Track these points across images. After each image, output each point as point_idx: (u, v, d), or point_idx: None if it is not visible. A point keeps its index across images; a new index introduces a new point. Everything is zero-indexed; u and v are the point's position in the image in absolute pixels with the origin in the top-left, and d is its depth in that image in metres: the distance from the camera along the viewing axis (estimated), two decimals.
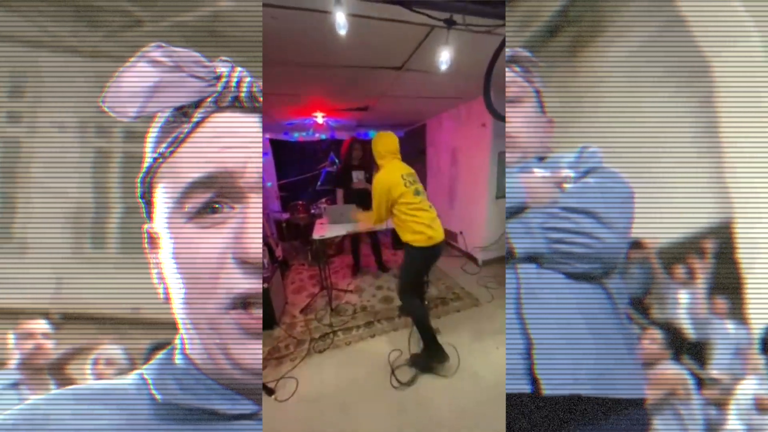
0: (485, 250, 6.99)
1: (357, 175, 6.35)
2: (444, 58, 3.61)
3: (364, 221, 4.75)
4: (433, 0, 2.62)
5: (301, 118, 8.02)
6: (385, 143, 3.85)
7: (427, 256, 3.73)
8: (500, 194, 6.67)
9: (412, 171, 3.94)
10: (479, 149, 6.68)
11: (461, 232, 7.72)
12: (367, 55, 3.94)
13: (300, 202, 8.45)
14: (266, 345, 4.54)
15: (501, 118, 3.69)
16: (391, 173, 3.70)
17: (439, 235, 3.71)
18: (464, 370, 3.83)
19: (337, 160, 8.76)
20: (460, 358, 4.00)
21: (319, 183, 9.22)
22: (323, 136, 9.71)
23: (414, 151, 9.67)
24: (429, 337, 3.82)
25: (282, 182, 9.69)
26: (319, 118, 7.97)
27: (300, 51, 3.63)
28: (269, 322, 4.89)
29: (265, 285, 4.77)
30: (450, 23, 2.87)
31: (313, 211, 8.14)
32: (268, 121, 8.20)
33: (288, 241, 8.99)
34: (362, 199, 5.94)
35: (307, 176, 9.27)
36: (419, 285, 4.20)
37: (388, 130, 9.69)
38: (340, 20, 2.67)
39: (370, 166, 6.14)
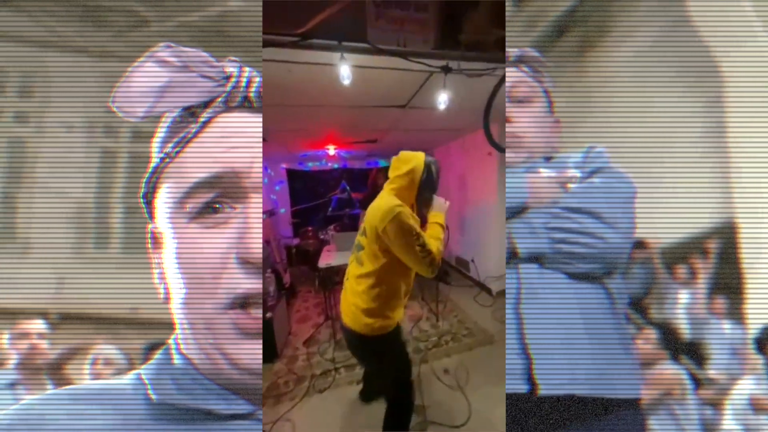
0: (499, 280, 6.68)
1: None
2: (442, 99, 3.88)
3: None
4: (428, 51, 2.93)
5: (314, 150, 8.31)
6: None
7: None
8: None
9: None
10: (487, 177, 6.79)
11: (473, 260, 7.54)
12: (372, 96, 4.13)
13: (309, 228, 8.54)
14: (265, 380, 4.24)
15: (502, 150, 3.86)
16: None
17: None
18: (476, 418, 3.48)
19: (348, 187, 9.05)
20: (471, 404, 3.65)
21: (330, 209, 9.28)
22: (336, 166, 10.04)
23: None
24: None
25: (295, 209, 9.89)
26: (331, 150, 8.24)
27: (310, 95, 3.84)
28: (270, 354, 4.68)
29: (269, 314, 4.65)
30: (446, 69, 3.14)
31: (322, 236, 8.13)
32: (284, 152, 8.56)
33: (297, 267, 8.99)
34: None
35: (319, 202, 9.36)
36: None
37: None
38: (344, 72, 2.90)
39: None
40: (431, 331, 5.41)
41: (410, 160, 2.49)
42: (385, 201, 2.33)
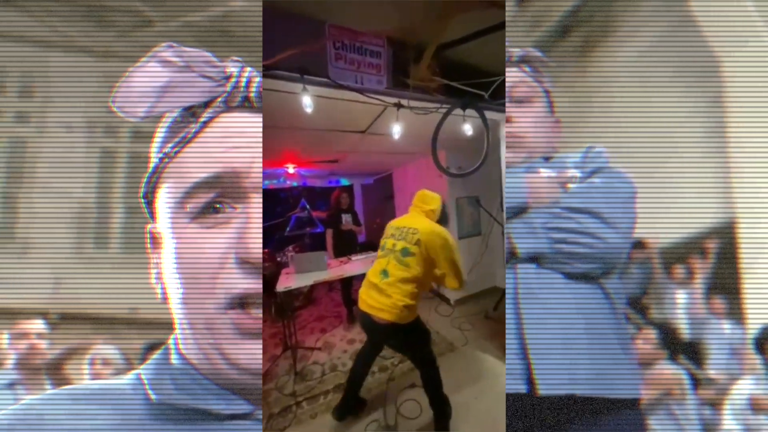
0: (456, 290, 6.70)
1: (346, 218, 6.70)
2: (396, 129, 4.22)
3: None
4: (381, 90, 3.37)
5: (272, 168, 8.20)
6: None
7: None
8: (462, 234, 6.99)
9: (411, 226, 3.23)
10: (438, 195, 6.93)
11: None
12: (333, 121, 4.43)
13: (265, 250, 8.13)
14: None
15: (446, 173, 4.27)
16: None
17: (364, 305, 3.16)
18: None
19: (308, 206, 8.79)
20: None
21: (288, 229, 8.92)
22: (295, 183, 9.77)
23: (382, 197, 10.10)
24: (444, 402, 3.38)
25: None
26: (291, 168, 8.16)
27: (272, 116, 4.03)
28: None
29: None
30: (398, 105, 3.58)
31: (279, 259, 7.88)
32: None
33: None
34: (350, 239, 6.67)
35: (276, 222, 8.84)
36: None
37: (358, 178, 10.36)
38: (306, 101, 3.14)
39: (354, 209, 6.88)
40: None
41: (433, 201, 3.37)
42: (433, 224, 3.17)
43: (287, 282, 4.85)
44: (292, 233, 8.80)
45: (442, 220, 3.32)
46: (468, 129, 4.21)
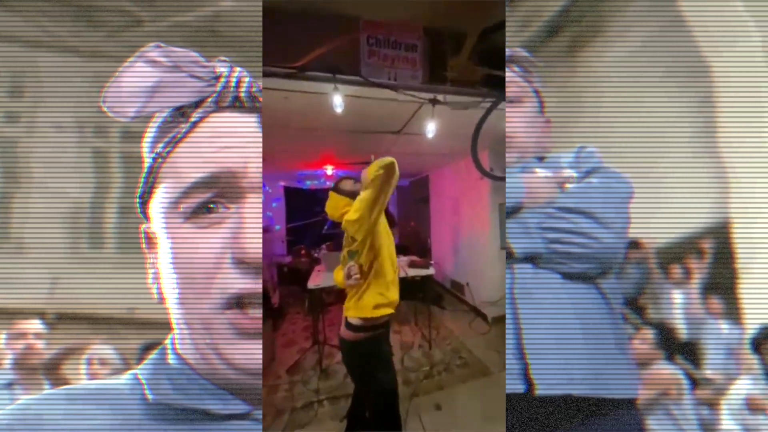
0: (495, 306, 6.38)
1: None
2: (431, 128, 4.13)
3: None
4: (416, 86, 3.21)
5: (312, 169, 8.43)
6: None
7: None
8: (504, 245, 6.53)
9: None
10: (479, 200, 6.79)
11: (467, 284, 7.31)
12: (367, 122, 4.33)
13: (303, 246, 8.42)
14: None
15: (489, 176, 4.00)
16: None
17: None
18: None
19: None
20: None
21: (325, 227, 9.12)
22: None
23: (417, 200, 10.07)
24: None
25: (290, 225, 9.81)
26: (329, 170, 8.29)
27: (308, 119, 4.02)
28: None
29: None
30: (434, 102, 3.43)
31: (315, 255, 7.97)
32: (283, 171, 8.69)
33: (287, 287, 8.62)
34: None
35: (315, 220, 9.15)
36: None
37: None
38: (337, 101, 3.13)
39: (389, 210, 6.56)
40: (424, 360, 5.07)
41: (335, 204, 2.86)
42: None
43: (317, 280, 5.00)
44: (328, 232, 8.91)
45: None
46: None
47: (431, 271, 5.53)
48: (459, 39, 3.09)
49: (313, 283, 4.84)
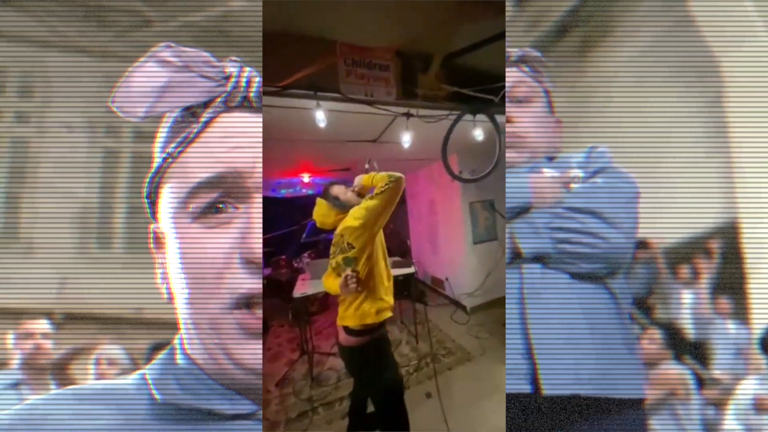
0: (472, 296, 6.90)
1: None
2: (406, 138, 4.40)
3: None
4: (391, 101, 3.50)
5: (288, 178, 8.30)
6: None
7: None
8: (477, 240, 7.01)
9: None
10: (452, 200, 7.21)
11: (447, 279, 7.72)
12: (344, 132, 4.55)
13: (282, 257, 8.27)
14: None
15: (458, 178, 4.47)
16: None
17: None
18: None
19: None
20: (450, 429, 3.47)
21: (304, 235, 9.02)
22: (310, 192, 9.69)
23: None
24: None
25: (267, 236, 9.28)
26: (306, 177, 8.21)
27: (286, 130, 4.18)
28: None
29: None
30: (408, 115, 3.72)
31: (296, 265, 7.89)
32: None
33: (269, 299, 8.08)
34: None
35: (293, 229, 8.82)
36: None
37: None
38: (320, 116, 3.34)
39: None
40: (412, 354, 5.32)
41: (323, 212, 2.95)
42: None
43: (303, 288, 4.97)
44: (308, 239, 8.89)
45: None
46: (479, 134, 4.29)
47: (413, 269, 5.68)
48: (427, 60, 3.48)
49: (299, 292, 4.83)
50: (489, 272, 6.58)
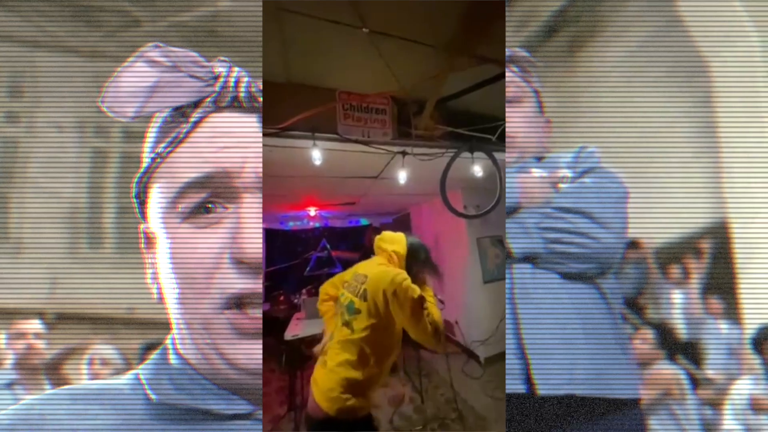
0: (486, 345, 5.92)
1: None
2: (402, 175, 4.30)
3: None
4: (387, 141, 3.62)
5: (295, 211, 8.21)
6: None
7: None
8: (488, 279, 6.25)
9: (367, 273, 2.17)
10: (458, 236, 6.72)
11: (457, 322, 6.66)
12: (346, 169, 4.58)
13: (281, 292, 7.75)
14: None
15: (460, 215, 4.43)
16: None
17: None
18: None
19: (328, 246, 8.60)
20: None
21: (308, 269, 8.46)
22: (317, 224, 9.51)
23: None
24: None
25: (269, 269, 8.61)
26: (312, 211, 8.13)
27: (291, 168, 4.19)
28: None
29: None
30: (404, 153, 3.77)
31: (295, 301, 7.30)
32: (265, 213, 8.43)
33: (264, 338, 7.57)
34: None
35: (296, 262, 8.36)
36: None
37: (376, 218, 10.09)
38: (315, 155, 3.37)
39: None
40: (416, 417, 4.43)
41: (395, 240, 2.28)
42: (389, 266, 2.13)
43: (295, 329, 4.45)
44: (311, 273, 8.36)
45: (416, 264, 2.23)
46: (478, 170, 4.25)
47: None
48: (420, 104, 3.63)
49: (291, 334, 4.23)
50: (502, 317, 6.26)
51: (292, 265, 8.33)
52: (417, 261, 2.22)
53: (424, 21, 2.62)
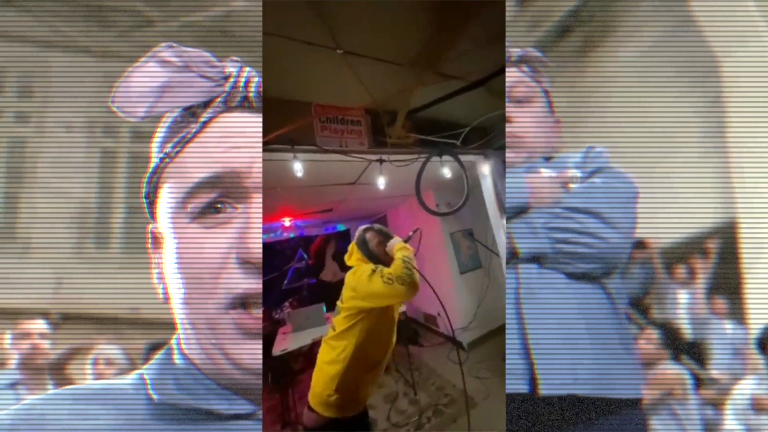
0: (467, 331, 6.44)
1: (333, 266, 6.77)
2: (381, 181, 4.46)
3: None
4: (364, 150, 3.83)
5: (268, 223, 8.07)
6: None
7: None
8: (463, 269, 6.90)
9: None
10: (433, 232, 7.00)
11: (439, 314, 7.15)
12: (325, 177, 4.73)
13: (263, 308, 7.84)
14: None
15: (434, 213, 4.71)
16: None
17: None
18: None
19: (305, 256, 8.36)
20: None
21: (286, 282, 8.22)
22: (291, 235, 9.36)
23: None
24: None
25: None
26: (287, 221, 8.09)
27: (269, 179, 4.20)
28: None
29: None
30: (380, 161, 4.04)
31: (276, 316, 6.99)
32: None
33: None
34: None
35: (272, 276, 7.98)
36: None
37: (353, 223, 9.83)
38: (297, 167, 3.47)
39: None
40: (411, 409, 4.62)
41: (350, 251, 2.40)
42: (356, 268, 2.28)
43: (283, 344, 4.41)
44: (290, 286, 8.19)
45: (371, 242, 2.37)
46: (447, 172, 4.46)
47: (403, 308, 5.18)
48: (393, 115, 3.87)
49: (279, 349, 4.20)
50: (479, 302, 6.45)
51: (269, 279, 7.87)
52: (368, 243, 2.38)
53: (393, 42, 2.78)
